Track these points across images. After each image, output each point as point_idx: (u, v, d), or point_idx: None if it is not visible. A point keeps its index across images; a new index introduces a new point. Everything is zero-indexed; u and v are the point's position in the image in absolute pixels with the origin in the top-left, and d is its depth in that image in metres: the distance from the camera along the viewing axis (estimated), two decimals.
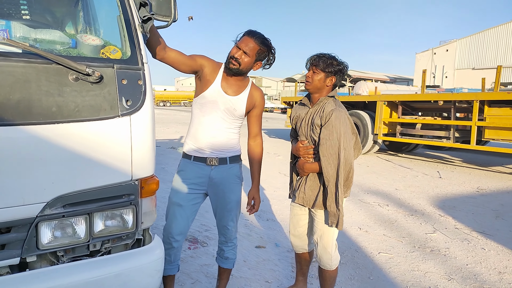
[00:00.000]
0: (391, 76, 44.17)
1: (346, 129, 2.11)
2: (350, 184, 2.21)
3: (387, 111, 9.53)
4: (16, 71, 1.40)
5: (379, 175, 7.44)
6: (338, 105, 2.17)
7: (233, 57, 2.16)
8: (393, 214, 4.89)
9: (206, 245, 3.58)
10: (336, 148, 2.08)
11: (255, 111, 2.38)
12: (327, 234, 2.28)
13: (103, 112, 1.57)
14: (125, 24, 1.73)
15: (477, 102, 7.68)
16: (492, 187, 6.67)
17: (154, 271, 1.70)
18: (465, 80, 32.59)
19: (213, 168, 2.27)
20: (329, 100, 2.21)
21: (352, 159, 2.16)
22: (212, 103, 2.22)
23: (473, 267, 3.35)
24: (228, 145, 2.29)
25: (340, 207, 2.11)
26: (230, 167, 2.31)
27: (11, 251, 1.46)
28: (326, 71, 2.21)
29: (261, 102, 2.39)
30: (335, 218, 2.14)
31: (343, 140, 2.08)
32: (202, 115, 2.25)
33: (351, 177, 2.19)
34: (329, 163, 2.09)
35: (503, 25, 32.19)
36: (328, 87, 2.25)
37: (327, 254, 2.30)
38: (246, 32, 2.22)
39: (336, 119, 2.08)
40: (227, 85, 2.24)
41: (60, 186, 1.50)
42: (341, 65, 2.24)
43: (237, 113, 2.27)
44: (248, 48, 2.17)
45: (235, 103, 2.25)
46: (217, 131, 2.24)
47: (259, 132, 2.46)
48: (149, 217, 1.79)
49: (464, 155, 10.84)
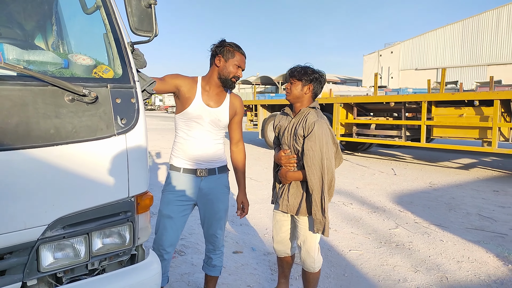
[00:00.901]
0: (341, 77, 45.80)
1: (328, 140, 2.24)
2: (332, 191, 2.35)
3: (343, 112, 9.94)
4: (13, 95, 1.39)
5: (340, 174, 7.75)
6: (320, 116, 2.30)
7: (236, 77, 2.28)
8: (357, 212, 5.15)
9: (184, 254, 3.60)
10: (319, 158, 2.20)
11: (236, 118, 2.49)
12: (310, 239, 2.40)
13: (99, 132, 1.58)
14: (115, 43, 1.75)
15: (425, 103, 8.23)
16: (442, 182, 7.19)
17: (154, 285, 1.73)
18: (409, 80, 34.58)
19: (203, 179, 2.34)
20: (311, 111, 2.34)
21: (334, 168, 2.30)
22: (197, 117, 2.29)
23: (435, 258, 3.64)
24: (216, 156, 2.38)
25: (326, 215, 2.24)
26: (218, 177, 2.39)
27: (13, 276, 1.43)
28: (302, 80, 2.33)
29: (241, 109, 2.51)
30: (321, 225, 2.26)
31: (325, 150, 2.21)
32: (188, 129, 2.32)
33: (333, 185, 2.32)
34: (313, 173, 2.22)
35: (442, 28, 34.52)
36: (307, 96, 2.37)
37: (311, 257, 2.43)
38: (236, 48, 2.29)
39: (318, 130, 2.21)
40: (208, 98, 2.32)
41: (61, 207, 1.50)
42: (317, 74, 2.37)
43: (222, 123, 2.37)
44: (245, 64, 2.32)
45: (219, 114, 2.34)
46: (205, 144, 2.32)
47: (240, 138, 2.58)
48: (145, 232, 1.82)
49: (414, 152, 11.54)
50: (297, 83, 2.33)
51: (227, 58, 2.26)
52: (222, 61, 2.26)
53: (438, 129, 8.32)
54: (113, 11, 1.78)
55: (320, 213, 2.23)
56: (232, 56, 2.26)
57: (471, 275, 3.28)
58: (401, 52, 37.92)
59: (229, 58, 2.26)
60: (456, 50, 33.67)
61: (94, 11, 1.83)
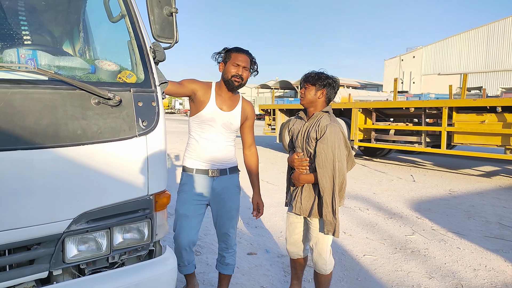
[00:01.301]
0: (362, 82, 45.43)
1: (340, 143, 2.29)
2: (343, 194, 2.40)
3: (362, 117, 9.90)
4: (44, 98, 1.50)
5: (357, 180, 7.73)
6: (333, 120, 2.36)
7: (236, 75, 2.35)
8: (373, 217, 5.14)
9: (200, 254, 3.69)
10: (331, 161, 2.26)
11: (247, 123, 2.61)
12: (321, 241, 2.45)
13: (122, 133, 1.69)
14: (138, 49, 1.85)
15: (446, 109, 8.13)
16: (462, 189, 7.08)
17: (170, 279, 1.82)
18: (432, 85, 34.02)
19: (215, 179, 2.45)
20: (324, 115, 2.40)
21: (345, 171, 2.35)
22: (210, 120, 2.41)
23: (451, 265, 3.61)
24: (227, 157, 2.49)
25: (336, 216, 2.29)
26: (230, 177, 2.50)
27: (41, 265, 1.54)
28: (316, 85, 2.40)
29: (252, 114, 2.62)
30: (332, 226, 2.31)
31: (337, 153, 2.26)
32: (201, 131, 2.44)
33: (344, 187, 2.37)
34: (325, 175, 2.27)
35: (466, 32, 33.87)
36: (320, 100, 2.43)
37: (322, 259, 2.47)
38: (234, 49, 2.41)
39: (330, 133, 2.27)
40: (222, 102, 2.44)
41: (85, 203, 1.60)
42: (330, 79, 2.43)
43: (233, 126, 2.48)
44: (246, 62, 2.40)
45: (231, 117, 2.46)
46: (217, 146, 2.43)
47: (253, 142, 2.69)
48: (162, 229, 1.91)
49: (435, 158, 11.36)
50: (311, 88, 2.40)
51: (226, 61, 2.40)
52: (223, 66, 2.41)
53: (459, 135, 8.19)
54: (136, 19, 1.89)
55: (331, 215, 2.28)
56: (229, 58, 2.38)
57: (487, 284, 3.24)
58: (423, 56, 37.38)
59: (228, 61, 2.39)
60: (480, 55, 32.95)
61: (119, 20, 1.94)
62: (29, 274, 1.52)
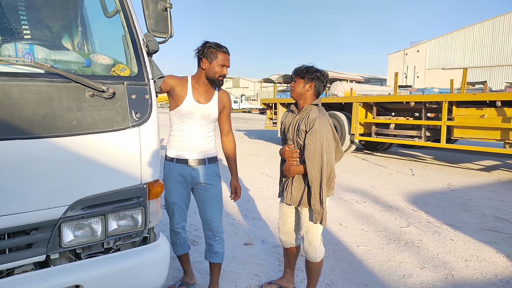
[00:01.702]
0: (365, 76, 45.23)
1: (328, 135, 2.36)
2: (331, 184, 2.47)
3: (362, 112, 9.93)
4: (41, 90, 1.58)
5: (356, 174, 7.79)
6: (322, 113, 2.43)
7: (222, 75, 2.49)
8: (370, 210, 5.21)
9: (197, 244, 3.78)
10: (319, 152, 2.33)
11: (224, 112, 2.72)
12: (312, 230, 2.53)
13: (116, 124, 1.76)
14: (132, 44, 1.93)
15: (446, 103, 8.15)
16: (461, 183, 7.13)
17: (162, 264, 1.91)
18: (436, 79, 33.82)
19: (194, 169, 2.59)
20: (313, 108, 2.47)
21: (333, 162, 2.42)
22: (189, 114, 2.53)
23: (443, 256, 3.68)
24: (207, 148, 2.62)
25: (323, 205, 2.36)
26: (208, 166, 2.63)
27: (38, 249, 1.63)
28: (304, 78, 2.48)
29: (229, 103, 2.75)
30: (319, 215, 2.39)
31: (325, 145, 2.34)
32: (182, 124, 2.56)
33: (332, 178, 2.44)
34: (313, 166, 2.35)
35: (471, 26, 33.59)
36: (309, 93, 2.49)
37: (312, 248, 2.55)
38: (217, 48, 2.48)
39: (319, 125, 2.34)
40: (198, 95, 2.55)
41: (80, 190, 1.69)
42: (318, 72, 2.50)
43: (212, 117, 2.60)
44: (229, 61, 2.53)
45: (209, 109, 2.57)
46: (197, 137, 2.57)
47: (230, 129, 2.81)
48: (155, 217, 1.99)
49: (435, 153, 11.38)
50: (300, 81, 2.47)
51: (211, 59, 2.46)
52: (207, 64, 2.47)
53: (459, 129, 8.21)
54: (130, 15, 1.96)
55: (318, 204, 2.36)
56: (215, 57, 2.46)
57: (477, 274, 3.31)
58: (427, 51, 37.13)
59: (213, 60, 2.46)
60: (485, 50, 32.69)
61: (114, 15, 2.01)
62: (28, 257, 1.61)
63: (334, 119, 10.29)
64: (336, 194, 6.03)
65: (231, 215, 4.77)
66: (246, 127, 20.82)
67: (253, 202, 5.43)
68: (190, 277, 2.91)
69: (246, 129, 19.14)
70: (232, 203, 5.21)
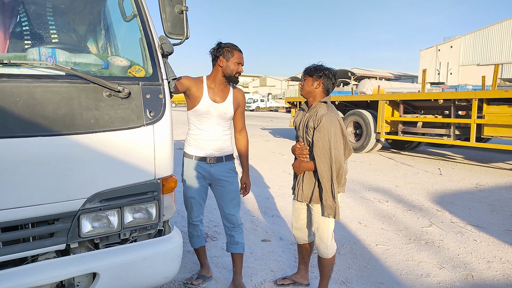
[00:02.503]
0: (396, 74, 44.23)
1: (336, 131, 2.39)
2: (341, 180, 2.49)
3: (389, 110, 9.76)
4: (62, 91, 1.71)
5: (381, 173, 7.69)
6: (330, 110, 2.46)
7: (238, 72, 2.59)
8: (392, 209, 5.15)
9: (216, 239, 3.88)
10: (327, 148, 2.37)
11: (239, 110, 2.80)
12: (322, 226, 2.56)
13: (131, 122, 1.87)
14: (147, 46, 2.03)
15: (475, 100, 7.90)
16: (490, 183, 6.90)
17: (175, 255, 2.00)
18: (470, 76, 32.63)
19: (212, 165, 2.69)
20: (322, 105, 2.51)
21: (342, 158, 2.43)
22: (206, 113, 2.63)
23: (464, 257, 3.61)
24: (224, 146, 2.72)
25: (336, 200, 2.40)
26: (225, 163, 2.74)
27: (59, 238, 1.77)
28: (312, 76, 2.53)
29: (243, 100, 2.83)
30: (332, 210, 2.42)
31: (333, 141, 2.37)
32: (199, 123, 2.67)
33: (341, 174, 2.46)
34: (322, 161, 2.39)
35: (507, 21, 32.15)
36: (318, 90, 2.53)
37: (323, 244, 2.59)
38: (233, 47, 2.59)
39: (326, 122, 2.38)
40: (214, 94, 2.65)
41: (98, 184, 1.81)
42: (327, 70, 2.54)
43: (227, 116, 2.69)
44: (243, 59, 2.63)
45: (225, 108, 2.67)
46: (214, 135, 2.67)
47: (243, 127, 2.90)
48: (169, 211, 2.09)
49: (465, 152, 11.03)
50: (309, 79, 2.53)
51: (228, 58, 2.57)
52: (224, 61, 2.57)
53: (490, 128, 7.93)
54: (147, 19, 2.07)
55: (331, 199, 2.40)
56: (232, 55, 2.57)
57: (499, 275, 3.24)
58: (461, 46, 35.89)
59: (230, 58, 2.57)
60: None
61: (131, 19, 2.13)
62: (49, 246, 1.74)
63: (359, 117, 10.17)
64: (357, 192, 5.99)
65: (250, 212, 4.84)
66: (272, 125, 20.86)
67: (273, 199, 5.49)
68: (206, 271, 3.00)
69: (271, 128, 19.19)
70: (252, 200, 5.28)
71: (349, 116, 10.52)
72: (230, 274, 3.10)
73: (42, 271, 1.68)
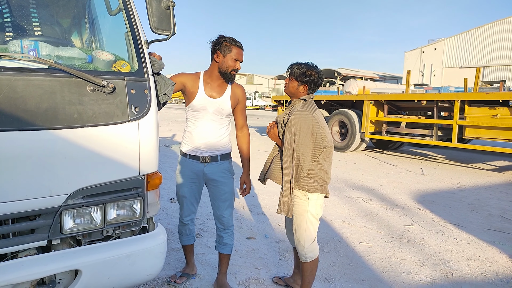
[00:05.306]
0: (381, 74, 44.74)
1: (302, 127, 2.36)
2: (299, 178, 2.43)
3: (373, 110, 9.88)
4: (44, 84, 1.67)
5: (365, 172, 7.78)
6: (306, 107, 2.44)
7: (235, 69, 2.52)
8: (375, 208, 5.22)
9: (201, 237, 3.87)
10: (292, 143, 2.38)
11: (239, 106, 2.73)
12: (299, 228, 2.51)
13: (116, 117, 1.85)
14: (133, 41, 2.00)
15: (458, 102, 8.06)
16: (471, 183, 7.05)
17: (159, 252, 1.99)
18: (453, 78, 33.24)
19: (206, 165, 2.63)
20: (299, 102, 2.50)
21: (306, 156, 2.38)
22: (202, 109, 2.57)
23: (444, 255, 3.69)
24: (220, 144, 2.64)
25: (292, 195, 2.41)
26: (220, 163, 2.67)
27: (40, 234, 1.73)
28: (298, 80, 2.49)
29: (243, 97, 2.75)
30: (286, 206, 2.42)
31: (298, 137, 2.36)
32: (195, 119, 2.61)
33: (300, 172, 2.41)
34: (286, 156, 2.40)
35: (489, 25, 32.87)
36: (301, 94, 2.52)
37: (301, 245, 2.53)
38: (232, 42, 2.50)
39: (295, 118, 2.38)
40: (211, 89, 2.58)
41: (81, 180, 1.78)
42: (313, 75, 2.48)
43: (225, 112, 2.62)
44: (242, 56, 2.55)
45: (221, 103, 2.60)
46: (209, 133, 2.60)
47: (244, 124, 2.81)
48: (153, 208, 2.08)
49: (447, 152, 11.25)
50: (294, 81, 2.50)
51: (225, 53, 2.49)
52: (221, 57, 2.50)
53: (471, 129, 8.11)
54: (132, 13, 2.04)
55: (288, 194, 2.40)
56: (229, 51, 2.49)
57: (477, 273, 3.32)
58: (445, 49, 36.50)
59: (227, 53, 2.49)
60: (505, 48, 31.97)
61: (117, 13, 2.10)
62: (30, 242, 1.71)
63: (344, 117, 10.26)
64: (342, 191, 6.05)
65: (236, 209, 4.84)
66: (259, 123, 20.86)
67: (258, 197, 5.50)
68: (191, 268, 2.99)
69: (258, 126, 19.19)
70: (237, 198, 5.28)
71: (334, 115, 10.61)
72: (214, 271, 3.09)
73: (22, 268, 1.65)
